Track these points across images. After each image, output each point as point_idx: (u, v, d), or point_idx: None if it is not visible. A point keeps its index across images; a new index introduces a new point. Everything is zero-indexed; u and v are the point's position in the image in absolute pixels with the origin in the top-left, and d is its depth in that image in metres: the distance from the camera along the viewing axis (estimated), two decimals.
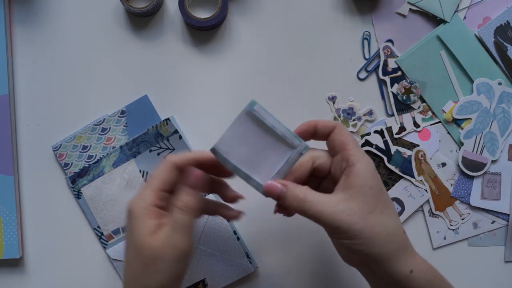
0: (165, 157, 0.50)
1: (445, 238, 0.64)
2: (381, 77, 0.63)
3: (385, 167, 0.63)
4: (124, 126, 0.63)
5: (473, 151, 0.63)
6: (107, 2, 0.64)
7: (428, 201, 0.63)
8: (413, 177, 0.63)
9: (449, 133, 0.64)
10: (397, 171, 0.63)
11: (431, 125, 0.64)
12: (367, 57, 0.64)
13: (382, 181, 0.62)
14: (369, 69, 0.64)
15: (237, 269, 0.62)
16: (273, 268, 0.63)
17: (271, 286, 0.63)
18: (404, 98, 0.63)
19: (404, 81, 0.63)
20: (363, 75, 0.64)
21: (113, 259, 0.62)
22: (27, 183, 0.64)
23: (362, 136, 0.63)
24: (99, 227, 0.63)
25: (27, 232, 0.64)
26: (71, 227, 0.63)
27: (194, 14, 0.62)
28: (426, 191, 0.63)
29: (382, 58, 0.63)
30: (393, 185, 0.63)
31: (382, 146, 0.63)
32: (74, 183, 0.62)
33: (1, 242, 0.62)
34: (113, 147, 0.63)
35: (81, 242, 0.63)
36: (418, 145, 0.63)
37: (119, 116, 0.63)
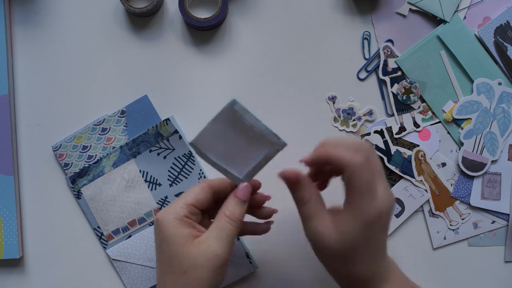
0: (203, 180, 0.52)
1: (445, 238, 0.64)
2: (381, 77, 0.63)
3: (385, 167, 0.63)
4: (124, 126, 0.63)
5: (473, 151, 0.63)
6: (107, 2, 0.64)
7: (428, 201, 0.63)
8: (413, 177, 0.63)
9: (449, 133, 0.64)
10: (397, 171, 0.63)
11: (431, 125, 0.64)
12: (367, 57, 0.64)
13: None
14: (369, 69, 0.64)
15: (237, 269, 0.62)
16: (273, 268, 0.63)
17: (271, 286, 0.63)
18: (404, 98, 0.63)
19: (404, 81, 0.63)
20: (363, 75, 0.64)
21: (113, 259, 0.62)
22: (27, 183, 0.64)
23: (362, 136, 0.63)
24: (99, 227, 0.63)
25: (27, 232, 0.64)
26: (71, 227, 0.63)
27: (194, 14, 0.62)
28: (426, 191, 0.63)
29: (382, 58, 0.63)
30: (393, 185, 0.63)
31: (382, 146, 0.63)
32: (74, 183, 0.62)
33: (1, 242, 0.62)
34: (113, 147, 0.63)
35: (81, 242, 0.63)
36: (418, 145, 0.63)
37: (119, 116, 0.63)
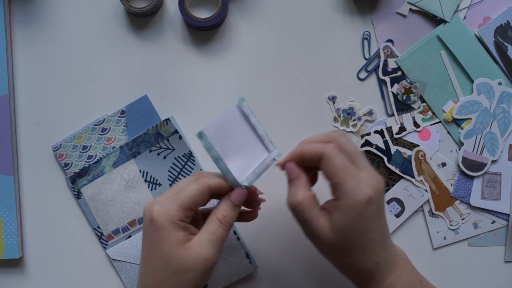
0: (199, 174, 0.49)
1: (445, 238, 0.64)
2: (381, 77, 0.63)
3: (385, 167, 0.63)
4: (124, 126, 0.63)
5: (473, 151, 0.63)
6: (107, 2, 0.64)
7: (428, 201, 0.63)
8: (413, 177, 0.63)
9: (449, 133, 0.64)
10: (397, 171, 0.63)
11: (431, 125, 0.64)
12: (367, 57, 0.64)
13: None
14: (369, 69, 0.64)
15: (237, 269, 0.62)
16: (273, 268, 0.63)
17: (271, 286, 0.63)
18: (404, 98, 0.63)
19: (404, 81, 0.63)
20: (363, 75, 0.64)
21: (113, 259, 0.62)
22: (27, 183, 0.64)
23: (362, 136, 0.63)
24: (99, 227, 0.63)
25: (27, 232, 0.64)
26: (71, 227, 0.63)
27: (194, 14, 0.62)
28: (426, 191, 0.63)
29: (382, 58, 0.63)
30: (393, 185, 0.63)
31: (382, 146, 0.63)
32: (74, 183, 0.62)
33: (1, 242, 0.62)
34: (113, 147, 0.63)
35: (81, 242, 0.63)
36: (418, 145, 0.63)
37: (119, 116, 0.63)
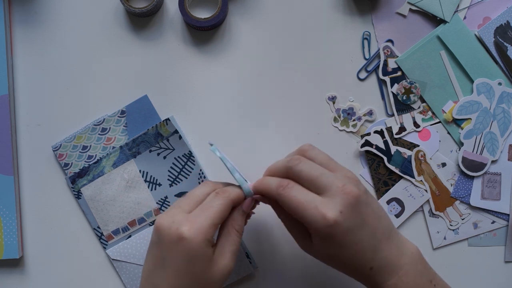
0: (213, 185, 0.53)
1: (445, 238, 0.64)
2: (381, 77, 0.63)
3: (385, 167, 0.63)
4: (124, 126, 0.63)
5: (473, 151, 0.63)
6: (107, 2, 0.64)
7: (428, 201, 0.63)
8: (413, 177, 0.63)
9: (449, 133, 0.64)
10: (397, 171, 0.63)
11: (431, 125, 0.64)
12: (367, 57, 0.64)
13: (382, 181, 0.63)
14: (369, 69, 0.64)
15: (237, 269, 0.62)
16: (273, 268, 0.63)
17: (271, 286, 0.63)
18: (404, 98, 0.63)
19: (404, 81, 0.63)
20: (363, 75, 0.64)
21: (113, 259, 0.62)
22: (27, 183, 0.64)
23: (362, 136, 0.63)
24: (99, 227, 0.63)
25: (27, 232, 0.64)
26: (71, 227, 0.63)
27: (194, 14, 0.62)
28: (426, 191, 0.63)
29: (382, 58, 0.63)
30: (393, 185, 0.63)
31: (382, 146, 0.63)
32: (74, 183, 0.62)
33: (1, 242, 0.62)
34: (113, 147, 0.63)
35: (81, 242, 0.63)
36: (418, 145, 0.63)
37: (119, 116, 0.63)
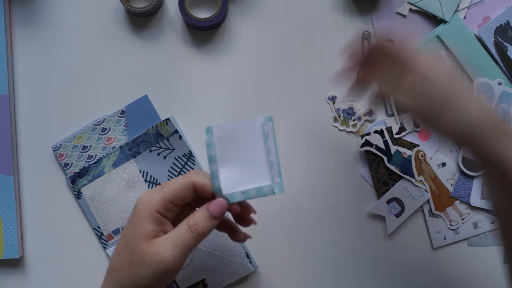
0: (192, 172, 0.49)
1: (445, 238, 0.64)
2: None
3: (385, 167, 0.63)
4: (124, 126, 0.63)
5: None
6: (107, 2, 0.64)
7: (428, 201, 0.63)
8: (413, 177, 0.63)
9: None
10: (397, 171, 0.63)
11: None
12: None
13: (382, 181, 0.63)
14: None
15: (237, 269, 0.62)
16: (273, 268, 0.63)
17: (271, 286, 0.63)
18: None
19: None
20: None
21: None
22: (27, 183, 0.64)
23: (362, 136, 0.63)
24: (99, 227, 0.63)
25: (27, 232, 0.64)
26: (71, 227, 0.63)
27: (194, 14, 0.62)
28: (426, 191, 0.63)
29: None
30: (393, 185, 0.63)
31: (382, 146, 0.63)
32: (74, 183, 0.62)
33: (1, 242, 0.62)
34: (113, 147, 0.63)
35: (81, 242, 0.63)
36: (418, 145, 0.63)
37: (119, 116, 0.63)
